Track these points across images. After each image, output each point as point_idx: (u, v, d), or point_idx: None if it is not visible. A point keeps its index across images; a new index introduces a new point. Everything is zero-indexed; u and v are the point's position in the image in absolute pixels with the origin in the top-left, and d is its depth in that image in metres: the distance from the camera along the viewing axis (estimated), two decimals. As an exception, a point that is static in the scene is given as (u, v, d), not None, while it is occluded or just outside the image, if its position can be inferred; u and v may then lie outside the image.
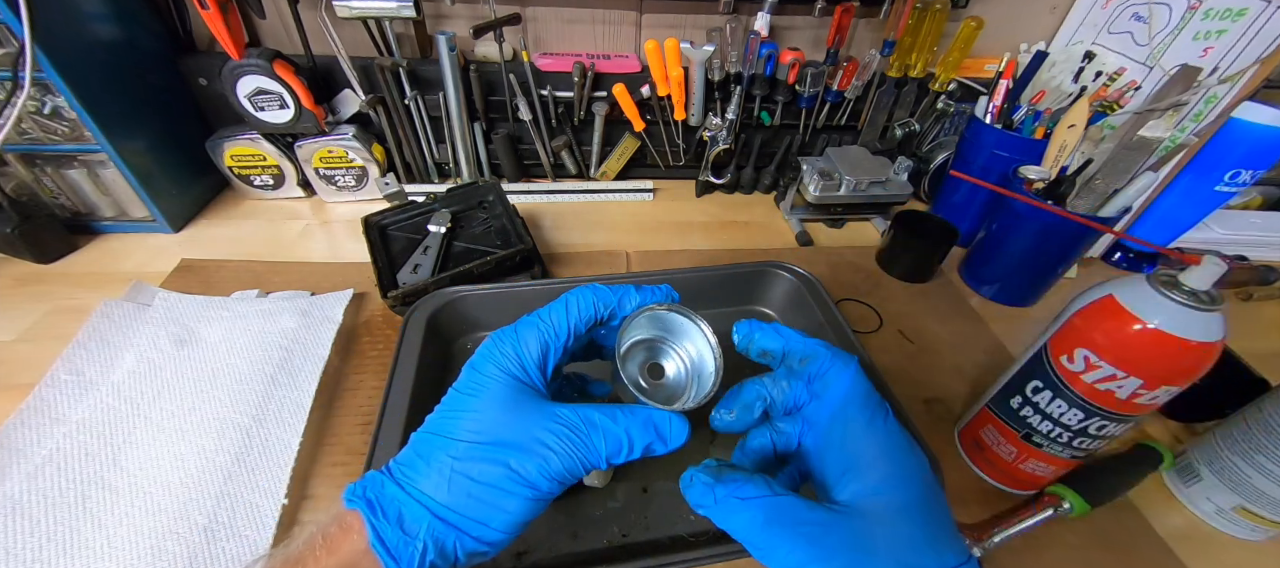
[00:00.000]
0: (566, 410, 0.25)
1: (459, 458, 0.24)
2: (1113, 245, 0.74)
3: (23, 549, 0.35)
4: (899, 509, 0.24)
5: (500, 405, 0.25)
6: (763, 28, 0.69)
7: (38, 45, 0.49)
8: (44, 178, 0.61)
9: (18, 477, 0.39)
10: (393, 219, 0.64)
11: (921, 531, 0.23)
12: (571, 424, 0.25)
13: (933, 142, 0.82)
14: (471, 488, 0.23)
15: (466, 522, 0.23)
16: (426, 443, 0.25)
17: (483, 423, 0.25)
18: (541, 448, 0.24)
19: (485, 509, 0.23)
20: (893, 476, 0.25)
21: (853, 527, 0.23)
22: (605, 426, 0.25)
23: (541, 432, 0.25)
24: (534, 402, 0.26)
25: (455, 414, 0.25)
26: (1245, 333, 0.52)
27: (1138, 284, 0.34)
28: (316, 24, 0.64)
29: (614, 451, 0.25)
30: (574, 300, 0.29)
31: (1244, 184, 0.61)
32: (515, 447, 0.24)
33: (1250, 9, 0.57)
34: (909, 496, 0.24)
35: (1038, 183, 0.60)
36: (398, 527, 0.23)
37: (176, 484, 0.40)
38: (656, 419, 0.27)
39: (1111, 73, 0.69)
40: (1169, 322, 0.32)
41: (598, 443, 0.25)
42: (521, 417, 0.25)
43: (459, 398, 0.26)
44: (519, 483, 0.24)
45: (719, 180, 0.81)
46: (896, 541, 0.23)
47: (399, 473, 0.24)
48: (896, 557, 0.22)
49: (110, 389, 0.45)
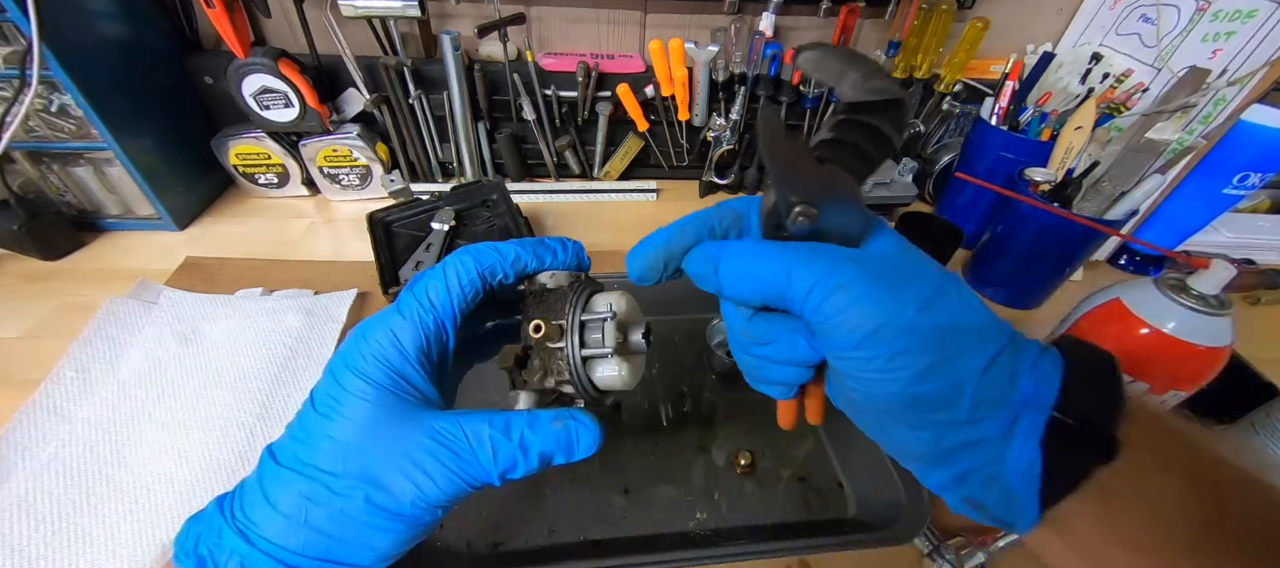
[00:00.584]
0: (446, 423, 0.21)
1: (312, 496, 0.20)
2: (1119, 248, 0.74)
3: (28, 545, 0.36)
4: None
5: (363, 426, 0.21)
6: (768, 28, 0.69)
7: (45, 43, 0.50)
8: (50, 175, 0.61)
9: (23, 474, 0.39)
10: (397, 216, 0.64)
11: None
12: (451, 440, 0.21)
13: (938, 143, 0.82)
14: (328, 528, 0.20)
15: (325, 564, 0.20)
16: (273, 477, 0.21)
17: (340, 449, 0.20)
18: (414, 472, 0.20)
19: (346, 549, 0.20)
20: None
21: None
22: (494, 440, 0.21)
23: (415, 451, 0.20)
24: (406, 415, 0.21)
25: (308, 440, 0.21)
26: (1253, 338, 0.51)
27: (1145, 288, 0.34)
28: (322, 23, 0.64)
29: (507, 466, 0.21)
30: (453, 268, 0.24)
31: (1252, 187, 0.60)
32: (380, 475, 0.20)
33: (1260, 10, 0.57)
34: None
35: (1044, 185, 0.59)
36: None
37: (181, 481, 0.40)
38: (557, 430, 0.22)
39: (1119, 74, 0.68)
40: (1177, 326, 0.32)
41: (484, 460, 0.21)
42: (389, 437, 0.21)
43: (314, 420, 0.21)
44: (386, 517, 0.20)
45: (723, 181, 0.81)
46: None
47: (241, 517, 0.20)
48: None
49: (116, 387, 0.45)
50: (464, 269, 0.24)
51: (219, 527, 0.20)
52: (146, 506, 0.39)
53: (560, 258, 0.26)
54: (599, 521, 0.41)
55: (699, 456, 0.46)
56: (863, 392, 0.20)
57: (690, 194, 0.83)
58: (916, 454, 0.21)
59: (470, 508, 0.41)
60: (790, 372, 0.23)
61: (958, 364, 0.19)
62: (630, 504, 0.42)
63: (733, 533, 0.41)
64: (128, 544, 0.37)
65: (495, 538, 0.40)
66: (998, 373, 0.19)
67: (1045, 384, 0.19)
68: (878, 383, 0.19)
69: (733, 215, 0.24)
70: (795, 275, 0.20)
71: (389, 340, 0.22)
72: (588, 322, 0.25)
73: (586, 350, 0.24)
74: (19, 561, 0.35)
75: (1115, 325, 0.34)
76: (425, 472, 0.20)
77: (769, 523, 0.42)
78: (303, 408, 0.22)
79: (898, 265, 0.20)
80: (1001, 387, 0.19)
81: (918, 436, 0.20)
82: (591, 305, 0.25)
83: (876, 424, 0.22)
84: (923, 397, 0.19)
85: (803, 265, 0.20)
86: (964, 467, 0.20)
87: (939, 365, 0.18)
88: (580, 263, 0.27)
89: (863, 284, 0.19)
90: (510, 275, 0.25)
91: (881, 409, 0.21)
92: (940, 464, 0.20)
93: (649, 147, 0.80)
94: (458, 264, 0.24)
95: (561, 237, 0.27)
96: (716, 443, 0.47)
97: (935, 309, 0.19)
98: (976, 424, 0.19)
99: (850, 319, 0.19)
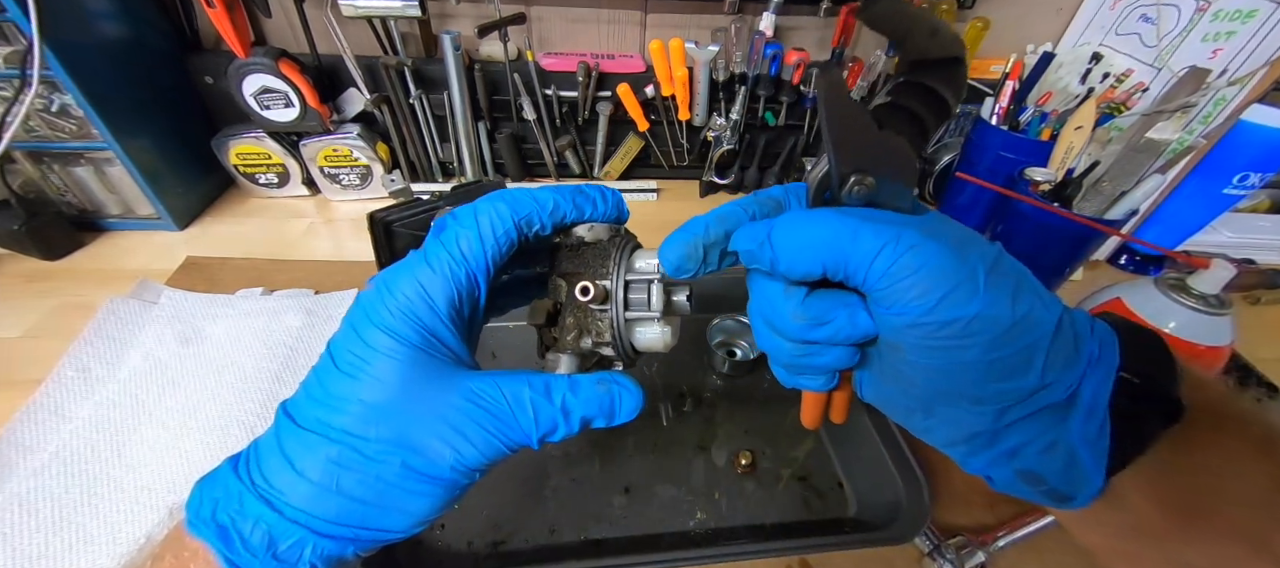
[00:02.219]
0: (484, 385, 0.20)
1: (342, 461, 0.19)
2: (1119, 248, 0.74)
3: (29, 545, 0.36)
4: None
5: (394, 387, 0.19)
6: (768, 28, 0.69)
7: (46, 43, 0.50)
8: (51, 175, 0.61)
9: (24, 473, 0.39)
10: (398, 216, 0.64)
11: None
12: (490, 403, 0.20)
13: (938, 143, 0.82)
14: (361, 494, 0.19)
15: (359, 530, 0.19)
16: (295, 441, 0.19)
17: (370, 412, 0.19)
18: (453, 436, 0.19)
19: (381, 515, 0.19)
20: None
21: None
22: (535, 402, 0.20)
23: (452, 414, 0.19)
24: (441, 374, 0.20)
25: (332, 401, 0.19)
26: (1252, 338, 0.51)
27: (1146, 287, 0.34)
28: (322, 23, 0.64)
29: (548, 430, 0.20)
30: (486, 216, 0.22)
31: (1252, 187, 0.60)
32: (415, 439, 0.19)
33: (1260, 11, 0.57)
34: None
35: (1044, 185, 0.59)
36: (268, 556, 0.18)
37: (182, 481, 0.40)
38: (600, 393, 0.21)
39: (1119, 74, 0.68)
40: (1178, 325, 0.32)
41: (525, 423, 0.20)
42: (424, 397, 0.19)
43: (338, 379, 0.20)
44: (423, 481, 0.19)
45: (723, 181, 0.81)
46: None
47: (262, 482, 0.19)
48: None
49: (117, 386, 0.45)
50: (499, 218, 0.22)
51: (238, 492, 0.19)
52: (148, 505, 0.39)
53: (599, 209, 0.24)
54: (599, 520, 0.41)
55: (699, 455, 0.46)
56: (927, 364, 0.19)
57: (691, 194, 0.83)
58: (968, 434, 0.20)
59: (471, 507, 0.41)
60: (840, 355, 0.21)
61: (1031, 327, 0.18)
62: (631, 504, 0.42)
63: (733, 533, 0.41)
64: (129, 543, 0.37)
65: (495, 537, 0.40)
66: (1065, 335, 0.18)
67: (1108, 346, 0.18)
68: (950, 352, 0.18)
69: (772, 202, 0.23)
70: (861, 237, 0.18)
71: (418, 295, 0.20)
72: (633, 282, 0.23)
73: (631, 312, 0.23)
74: (20, 560, 0.35)
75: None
76: (464, 436, 0.19)
77: (769, 523, 0.42)
78: (320, 364, 0.20)
79: (954, 230, 0.19)
80: (1068, 349, 0.18)
81: (978, 411, 0.19)
82: (634, 265, 0.24)
83: (922, 406, 0.20)
84: (997, 363, 0.18)
85: (868, 227, 0.18)
86: (1021, 439, 0.19)
87: (1015, 329, 0.17)
88: (620, 214, 0.25)
89: (932, 245, 0.18)
90: (547, 226, 0.23)
91: (943, 384, 0.19)
92: (994, 440, 0.19)
93: (649, 146, 0.80)
94: (492, 212, 0.22)
95: (600, 185, 0.25)
96: (717, 443, 0.47)
97: (1002, 271, 0.18)
98: (1046, 390, 0.18)
99: (922, 282, 0.17)
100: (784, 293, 0.21)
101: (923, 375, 0.19)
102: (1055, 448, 0.18)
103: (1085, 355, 0.18)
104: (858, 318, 0.20)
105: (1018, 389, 0.18)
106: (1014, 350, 0.18)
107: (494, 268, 0.22)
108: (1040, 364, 0.18)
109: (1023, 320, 0.18)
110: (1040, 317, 0.18)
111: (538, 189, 0.23)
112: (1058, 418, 0.18)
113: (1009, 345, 0.18)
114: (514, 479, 0.43)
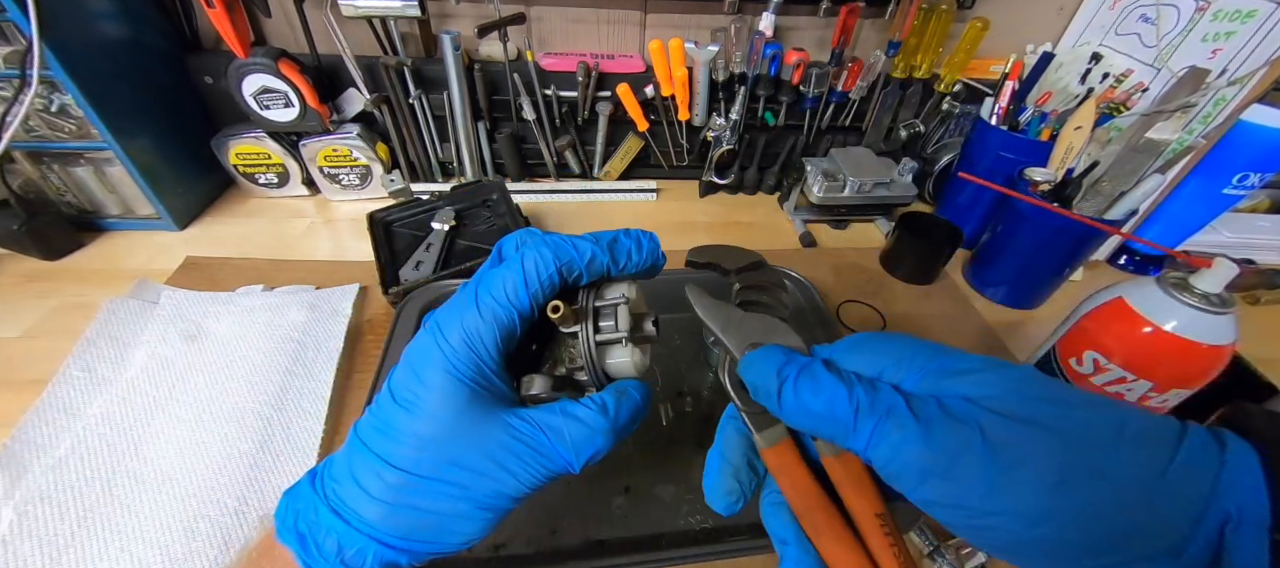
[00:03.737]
0: (523, 422, 0.22)
1: (401, 487, 0.21)
2: (1119, 248, 0.74)
3: (55, 535, 0.36)
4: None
5: (446, 424, 0.21)
6: (768, 28, 0.69)
7: (45, 43, 0.50)
8: (51, 175, 0.61)
9: (40, 469, 0.39)
10: (398, 216, 0.64)
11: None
12: (530, 438, 0.22)
13: (937, 143, 0.82)
14: (418, 519, 0.21)
15: (417, 544, 0.21)
16: (362, 463, 0.21)
17: (425, 446, 0.21)
18: (499, 471, 0.21)
19: (437, 534, 0.21)
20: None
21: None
22: (572, 432, 0.22)
23: (498, 451, 0.21)
24: (486, 414, 0.21)
25: (392, 434, 0.21)
26: (1253, 338, 0.51)
27: (1148, 287, 0.34)
28: (322, 23, 0.64)
29: (589, 454, 0.22)
30: (532, 264, 0.23)
31: (1252, 187, 0.60)
32: (466, 472, 0.21)
33: (1259, 10, 0.57)
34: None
35: (1044, 185, 0.59)
36: (338, 561, 0.20)
37: (202, 470, 0.41)
38: (624, 403, 0.23)
39: (1119, 74, 0.68)
40: (1180, 325, 0.32)
41: (566, 453, 0.22)
42: (471, 435, 0.21)
43: (397, 413, 0.21)
44: (476, 506, 0.21)
45: (722, 181, 0.81)
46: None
47: (334, 496, 0.21)
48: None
49: (125, 384, 0.45)
50: (543, 265, 0.23)
51: (315, 504, 0.21)
52: (171, 493, 0.39)
53: (635, 261, 0.25)
54: (600, 521, 0.41)
55: (699, 454, 0.46)
56: (978, 544, 0.18)
57: (690, 194, 0.83)
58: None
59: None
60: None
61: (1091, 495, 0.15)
62: (631, 504, 0.42)
63: (733, 530, 0.41)
64: (153, 531, 0.37)
65: (496, 540, 0.39)
66: (1169, 490, 0.15)
67: (1248, 493, 0.14)
68: (983, 535, 0.17)
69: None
70: (860, 426, 0.18)
71: (468, 339, 0.22)
72: (602, 307, 0.24)
73: (601, 336, 0.24)
74: (47, 549, 0.36)
75: (1118, 324, 0.34)
76: (506, 469, 0.21)
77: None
78: (381, 396, 0.22)
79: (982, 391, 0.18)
80: (1175, 511, 0.15)
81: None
82: (603, 292, 0.25)
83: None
84: (1044, 542, 0.15)
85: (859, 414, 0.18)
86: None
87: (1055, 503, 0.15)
88: (656, 264, 0.26)
89: (912, 426, 0.17)
90: (584, 277, 0.24)
91: (1016, 558, 0.17)
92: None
93: (649, 146, 0.80)
94: (537, 260, 0.23)
95: (637, 232, 0.25)
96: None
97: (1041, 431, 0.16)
98: (1148, 561, 0.15)
99: (905, 471, 0.17)
100: (765, 496, 0.22)
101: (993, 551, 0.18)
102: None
103: (1216, 517, 0.15)
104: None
105: (1106, 563, 0.15)
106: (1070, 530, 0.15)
107: (535, 312, 0.23)
108: (1129, 531, 0.15)
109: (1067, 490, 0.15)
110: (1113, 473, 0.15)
111: (578, 239, 0.24)
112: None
113: (1051, 525, 0.15)
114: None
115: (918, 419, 0.17)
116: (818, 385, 0.19)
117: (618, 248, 0.24)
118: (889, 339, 0.21)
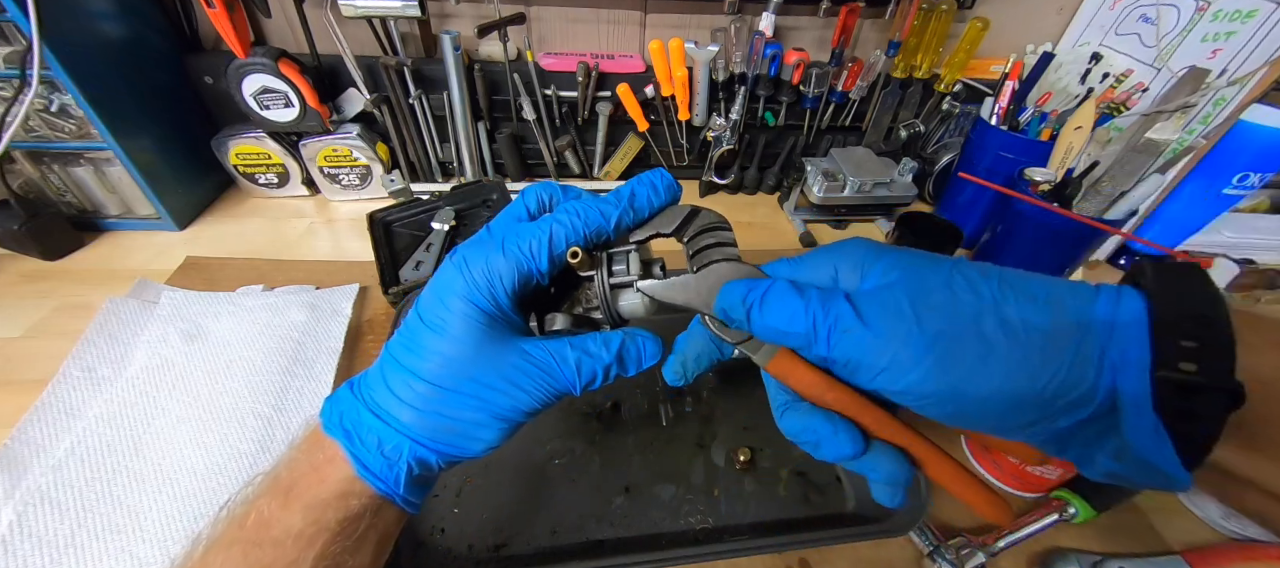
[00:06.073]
0: (536, 348, 0.25)
1: (428, 396, 0.24)
2: (1119, 248, 0.74)
3: (55, 535, 0.36)
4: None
5: (468, 345, 0.24)
6: (768, 28, 0.69)
7: (45, 43, 0.50)
8: (51, 175, 0.61)
9: (40, 469, 0.39)
10: (398, 216, 0.64)
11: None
12: (541, 362, 0.25)
13: (937, 143, 0.82)
14: (444, 423, 0.24)
15: (444, 447, 0.24)
16: (395, 375, 0.24)
17: (449, 363, 0.24)
18: (512, 388, 0.24)
19: (461, 439, 0.24)
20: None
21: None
22: (579, 360, 0.25)
23: (512, 372, 0.24)
24: (503, 339, 0.24)
25: (420, 350, 0.24)
26: (1253, 337, 0.51)
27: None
28: (322, 23, 0.64)
29: (588, 380, 0.25)
30: (561, 229, 0.25)
31: (1252, 187, 0.60)
32: (485, 387, 0.24)
33: (1260, 10, 0.57)
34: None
35: (1044, 185, 0.59)
36: (379, 453, 0.24)
37: (203, 470, 0.41)
38: (629, 345, 0.26)
39: (1119, 74, 0.68)
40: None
41: (570, 376, 0.25)
42: (490, 356, 0.24)
43: (424, 333, 0.24)
44: (493, 416, 0.24)
45: (723, 181, 0.81)
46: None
47: (372, 401, 0.24)
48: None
49: (125, 384, 0.45)
50: (573, 236, 0.25)
51: (356, 407, 0.25)
52: (170, 493, 0.39)
53: (656, 203, 0.27)
54: (600, 521, 0.41)
55: (698, 453, 0.46)
56: (932, 415, 0.20)
57: (690, 194, 0.83)
58: (1039, 442, 0.20)
59: (471, 511, 0.41)
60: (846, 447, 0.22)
61: (1017, 359, 0.17)
62: (631, 504, 0.42)
63: (733, 530, 0.41)
64: (155, 529, 0.37)
65: (497, 540, 0.39)
66: (1064, 344, 0.17)
67: (1134, 341, 0.17)
68: (930, 407, 0.19)
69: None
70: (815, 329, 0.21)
71: (492, 276, 0.24)
72: (614, 254, 0.27)
73: (614, 279, 0.26)
74: (47, 549, 0.36)
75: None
76: (521, 388, 0.24)
77: (768, 519, 0.42)
78: (409, 319, 0.25)
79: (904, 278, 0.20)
80: (1075, 360, 0.17)
81: (1020, 434, 0.19)
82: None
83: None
84: (989, 401, 0.18)
85: (813, 313, 0.21)
86: (1082, 449, 0.19)
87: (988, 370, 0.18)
88: (675, 199, 0.28)
89: (861, 325, 0.20)
90: (612, 236, 0.27)
91: (964, 423, 0.20)
92: (1063, 448, 0.19)
93: (649, 146, 0.80)
94: (568, 234, 0.25)
95: (649, 176, 0.27)
96: (716, 441, 0.47)
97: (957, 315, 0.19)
98: (1071, 408, 0.17)
99: (863, 363, 0.20)
100: (778, 409, 0.24)
101: (942, 419, 0.20)
102: (1124, 452, 0.18)
103: (1108, 364, 0.17)
104: (841, 443, 0.22)
105: (1032, 418, 0.18)
106: (1006, 389, 0.18)
107: (553, 268, 0.25)
108: (1045, 388, 0.17)
109: (998, 356, 0.18)
110: (1023, 336, 0.18)
111: (606, 203, 0.26)
112: (1108, 425, 0.18)
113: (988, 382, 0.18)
114: (515, 482, 0.43)
115: (863, 322, 0.20)
116: (780, 304, 0.21)
117: (637, 201, 0.26)
118: (845, 246, 0.23)
